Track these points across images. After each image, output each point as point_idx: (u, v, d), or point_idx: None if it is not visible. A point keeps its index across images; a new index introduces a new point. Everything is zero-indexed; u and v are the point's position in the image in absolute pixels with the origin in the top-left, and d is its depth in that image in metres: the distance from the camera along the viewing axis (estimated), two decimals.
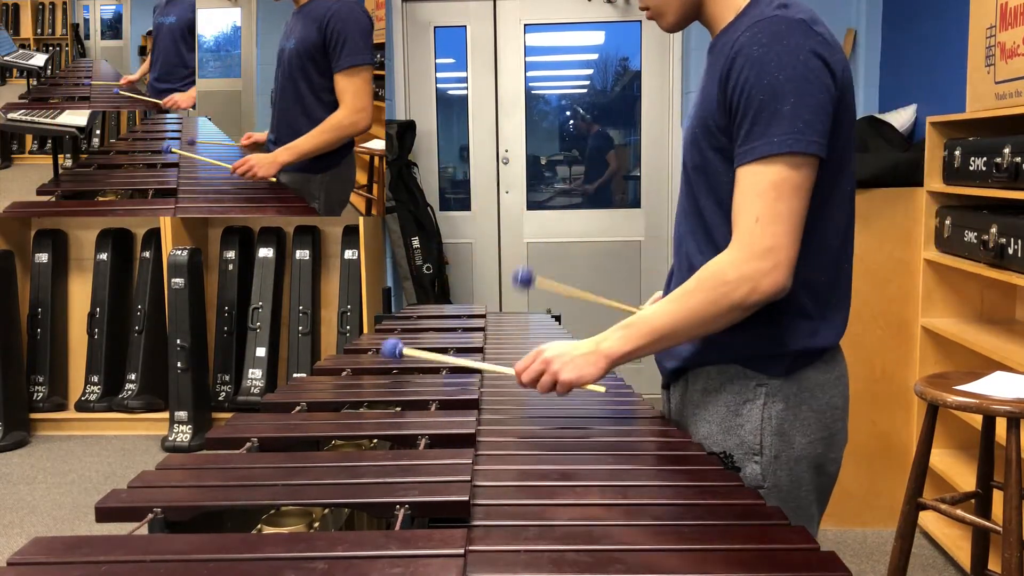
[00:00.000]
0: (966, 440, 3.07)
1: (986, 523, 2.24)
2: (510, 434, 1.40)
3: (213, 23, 4.28)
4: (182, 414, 4.26)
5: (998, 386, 2.17)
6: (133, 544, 0.96)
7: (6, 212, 4.18)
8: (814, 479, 1.34)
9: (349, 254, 4.45)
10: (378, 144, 4.32)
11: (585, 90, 5.05)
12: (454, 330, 2.27)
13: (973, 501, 2.43)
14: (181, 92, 4.26)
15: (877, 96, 4.04)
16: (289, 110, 3.53)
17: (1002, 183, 2.51)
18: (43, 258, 4.55)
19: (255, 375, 4.45)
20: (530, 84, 4.86)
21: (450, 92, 4.93)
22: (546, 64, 4.99)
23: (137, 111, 4.49)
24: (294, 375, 4.40)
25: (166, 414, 4.33)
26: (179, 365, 4.24)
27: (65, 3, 4.67)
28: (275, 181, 3.65)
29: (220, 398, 4.51)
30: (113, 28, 4.63)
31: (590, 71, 5.01)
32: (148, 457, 4.15)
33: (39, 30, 4.68)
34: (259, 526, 1.09)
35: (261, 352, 4.47)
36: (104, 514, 1.07)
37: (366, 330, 4.22)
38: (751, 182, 1.21)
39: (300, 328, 4.47)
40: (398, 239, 4.58)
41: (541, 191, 5.01)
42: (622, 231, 4.90)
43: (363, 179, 4.32)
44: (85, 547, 0.95)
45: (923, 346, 3.09)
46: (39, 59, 4.61)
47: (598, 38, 4.92)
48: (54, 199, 4.05)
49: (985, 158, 2.61)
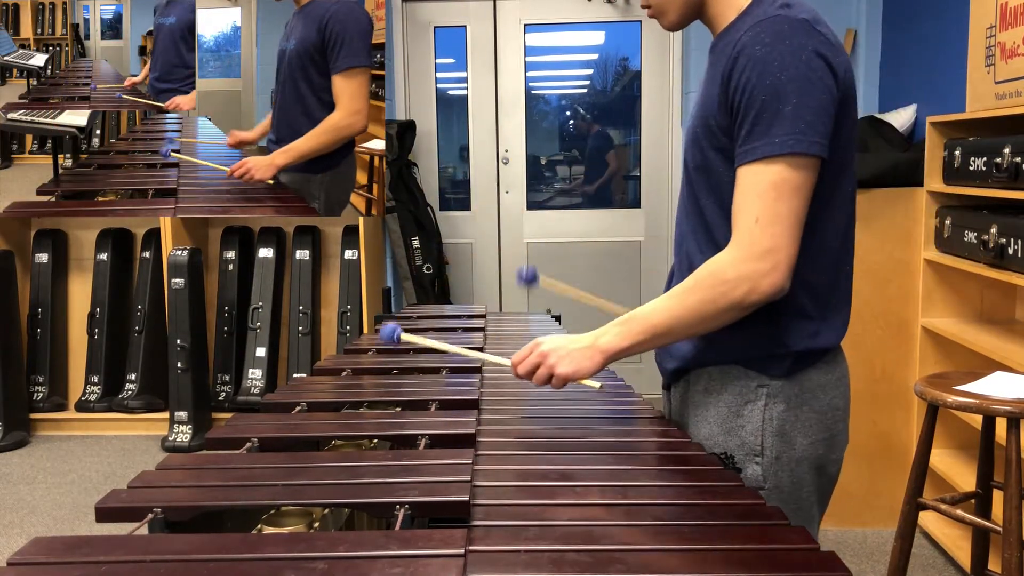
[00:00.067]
0: (966, 440, 3.07)
1: (986, 523, 2.24)
2: (510, 434, 1.40)
3: (213, 23, 4.28)
4: (182, 414, 4.26)
5: (998, 386, 2.17)
6: (133, 544, 0.96)
7: (6, 212, 4.18)
8: (815, 480, 1.33)
9: (349, 254, 4.45)
10: (378, 144, 4.32)
11: (585, 90, 5.05)
12: (454, 330, 2.27)
13: (973, 501, 2.43)
14: (182, 93, 4.26)
15: (877, 96, 4.04)
16: (290, 111, 3.54)
17: (1002, 183, 2.51)
18: (43, 258, 4.55)
19: (255, 375, 4.45)
20: (530, 84, 4.86)
21: (450, 92, 4.93)
22: (546, 64, 4.99)
23: (137, 111, 4.49)
24: (294, 375, 4.40)
25: (166, 414, 4.33)
26: (179, 365, 4.24)
27: (65, 3, 4.67)
28: (272, 183, 3.66)
29: (220, 398, 4.51)
30: (113, 28, 4.63)
31: (590, 71, 5.01)
32: (148, 457, 4.15)
33: (39, 30, 4.68)
34: (259, 526, 1.09)
35: (261, 352, 4.47)
36: (104, 514, 1.07)
37: (366, 330, 4.22)
38: (751, 182, 1.21)
39: (300, 328, 4.47)
40: (398, 239, 4.58)
41: (541, 191, 5.01)
42: (622, 231, 4.90)
43: (363, 179, 4.32)
44: (85, 547, 0.95)
45: (923, 346, 3.09)
46: (39, 59, 4.61)
47: (598, 38, 4.92)
48: (54, 199, 4.05)
49: (985, 158, 2.61)
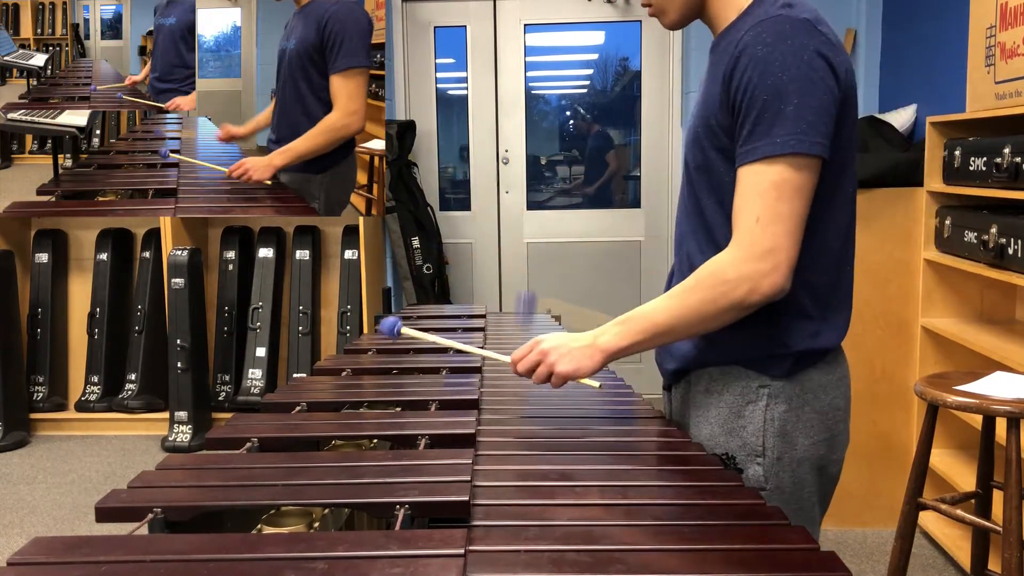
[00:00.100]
0: (966, 440, 3.07)
1: (986, 523, 2.24)
2: (510, 434, 1.40)
3: (213, 23, 4.28)
4: (182, 414, 4.26)
5: (998, 386, 2.17)
6: (133, 544, 0.96)
7: (6, 212, 4.18)
8: (816, 480, 1.33)
9: (349, 254, 4.45)
10: (378, 144, 4.32)
11: (585, 90, 5.05)
12: (454, 330, 2.27)
13: (973, 501, 2.43)
14: (182, 93, 4.26)
15: (877, 96, 4.04)
16: (290, 110, 3.54)
17: (1002, 183, 2.51)
18: (43, 258, 4.55)
19: (255, 375, 4.45)
20: (530, 84, 4.86)
21: (450, 92, 4.92)
22: (546, 64, 4.99)
23: (137, 111, 4.49)
24: (294, 375, 4.40)
25: (166, 414, 4.33)
26: (179, 365, 4.24)
27: (65, 3, 4.67)
28: (270, 184, 3.65)
29: (220, 398, 4.51)
30: (113, 28, 4.63)
31: (590, 71, 5.01)
32: (148, 457, 4.15)
33: (39, 30, 4.68)
34: (259, 526, 1.09)
35: (261, 352, 4.47)
36: (104, 514, 1.07)
37: (366, 330, 4.22)
38: (752, 182, 1.20)
39: (300, 328, 4.47)
40: (398, 239, 4.58)
41: (541, 191, 5.01)
42: (622, 231, 4.90)
43: (363, 179, 4.32)
44: (85, 547, 0.95)
45: (923, 346, 3.09)
46: (39, 59, 4.61)
47: (598, 38, 4.92)
48: (54, 199, 4.05)
49: (985, 158, 2.61)
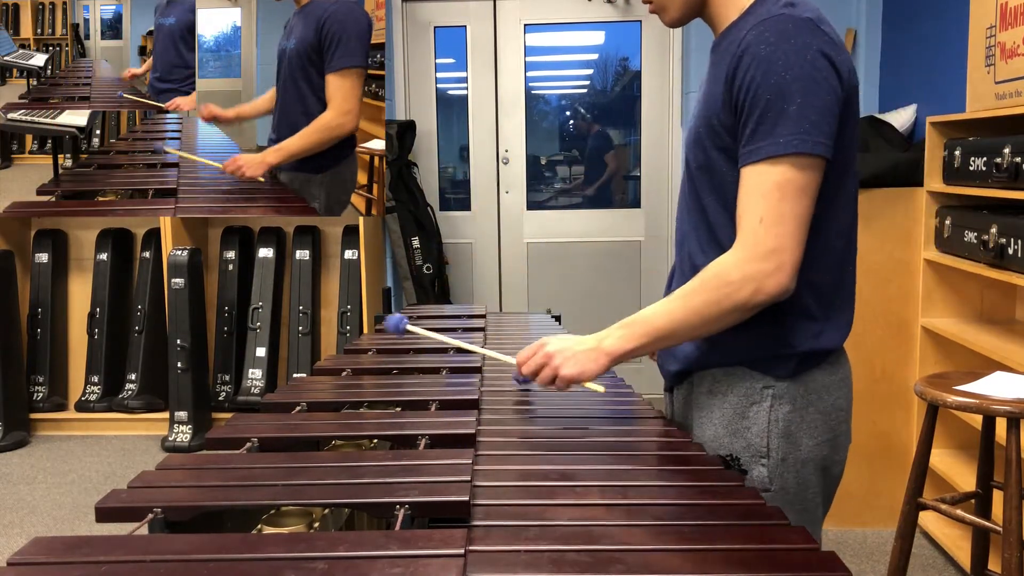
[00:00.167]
0: (966, 440, 3.07)
1: (986, 523, 2.23)
2: (510, 434, 1.40)
3: (213, 23, 4.28)
4: (182, 414, 4.26)
5: (998, 386, 2.17)
6: (133, 544, 0.96)
7: (6, 212, 4.18)
8: (820, 481, 1.33)
9: (349, 254, 4.45)
10: (378, 144, 4.32)
11: (585, 90, 5.05)
12: (454, 330, 2.27)
13: (973, 501, 2.43)
14: (182, 93, 4.26)
15: (877, 96, 4.04)
16: (290, 110, 3.53)
17: (1002, 183, 2.51)
18: (43, 258, 4.55)
19: (255, 375, 4.45)
20: (530, 84, 4.86)
21: (450, 92, 4.92)
22: (546, 64, 4.99)
23: (137, 111, 4.49)
24: (294, 375, 4.40)
25: (166, 414, 4.33)
26: (179, 365, 4.24)
27: (65, 3, 4.66)
28: (263, 180, 3.65)
29: (220, 398, 4.51)
30: (113, 28, 4.63)
31: (590, 71, 5.01)
32: (148, 457, 4.14)
33: (39, 30, 4.68)
34: (259, 526, 1.09)
35: (261, 352, 4.47)
36: (104, 514, 1.07)
37: (366, 330, 4.22)
38: (756, 182, 1.20)
39: (300, 328, 4.47)
40: (398, 239, 4.58)
41: (541, 191, 5.01)
42: (622, 231, 4.90)
43: (363, 179, 4.32)
44: (85, 547, 0.95)
45: (923, 346, 3.09)
46: (39, 59, 4.61)
47: (598, 38, 4.92)
48: (54, 199, 4.05)
49: (985, 158, 2.61)
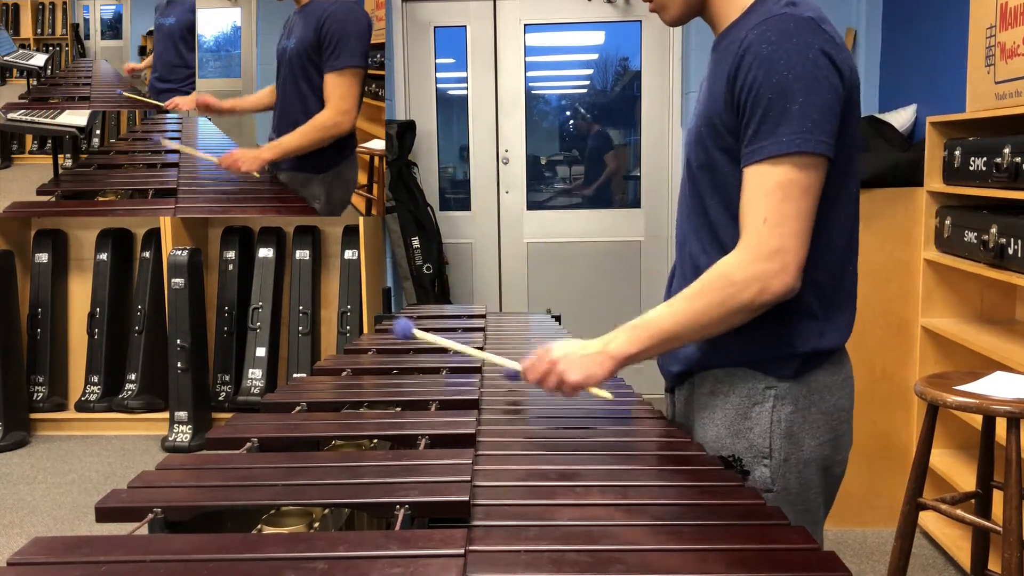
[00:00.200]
0: (966, 440, 3.07)
1: (986, 523, 2.23)
2: (510, 434, 1.40)
3: (213, 23, 4.28)
4: (182, 414, 4.26)
5: (998, 386, 2.17)
6: (133, 544, 0.96)
7: (6, 212, 4.18)
8: (822, 481, 1.33)
9: (349, 254, 4.45)
10: (378, 144, 4.32)
11: (585, 90, 5.05)
12: (454, 330, 2.27)
13: (973, 501, 2.43)
14: (182, 93, 4.26)
15: (877, 96, 4.04)
16: (290, 109, 3.53)
17: (1002, 183, 2.51)
18: (43, 258, 4.55)
19: (255, 375, 4.45)
20: (530, 84, 4.86)
21: (450, 92, 4.92)
22: (546, 64, 4.99)
23: (137, 111, 4.49)
24: (294, 375, 4.40)
25: (166, 414, 4.33)
26: (179, 365, 4.24)
27: (65, 3, 4.66)
28: (258, 176, 3.65)
29: (220, 398, 4.51)
30: (113, 28, 4.63)
31: (590, 71, 5.01)
32: (148, 457, 4.14)
33: (39, 30, 4.68)
34: (259, 526, 1.09)
35: (261, 352, 4.47)
36: (104, 514, 1.07)
37: (366, 330, 4.22)
38: (758, 182, 1.20)
39: (300, 328, 4.47)
40: (398, 239, 4.58)
41: (541, 191, 5.01)
42: (622, 231, 4.90)
43: (363, 179, 4.32)
44: (85, 547, 0.95)
45: (923, 346, 3.09)
46: (39, 59, 4.61)
47: (598, 38, 4.92)
48: (54, 199, 4.05)
49: (985, 158, 2.61)
